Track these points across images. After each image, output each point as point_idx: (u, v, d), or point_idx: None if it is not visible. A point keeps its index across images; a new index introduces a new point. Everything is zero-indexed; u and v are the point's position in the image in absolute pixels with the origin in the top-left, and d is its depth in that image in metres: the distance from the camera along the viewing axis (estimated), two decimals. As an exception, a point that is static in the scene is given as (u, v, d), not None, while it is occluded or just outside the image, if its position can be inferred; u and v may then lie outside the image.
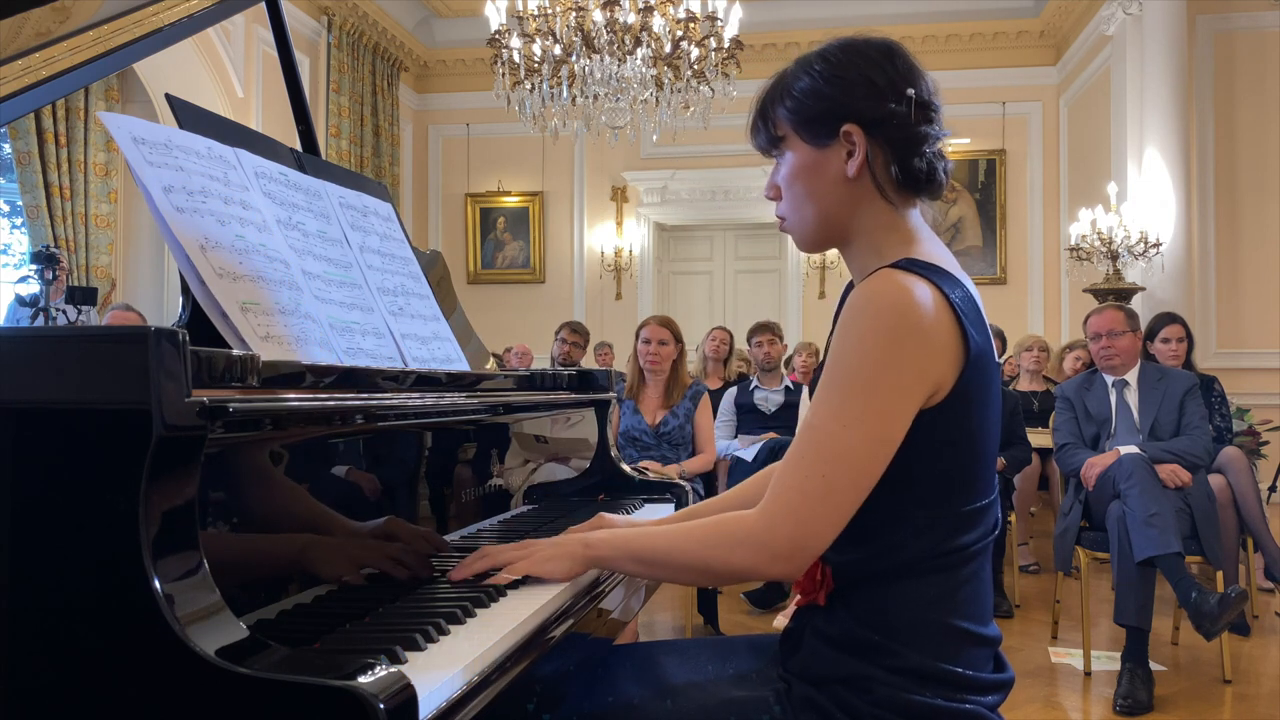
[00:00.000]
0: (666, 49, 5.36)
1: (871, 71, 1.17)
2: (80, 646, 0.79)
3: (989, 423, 1.16)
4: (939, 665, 1.11)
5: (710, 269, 10.55)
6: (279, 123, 6.75)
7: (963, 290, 1.13)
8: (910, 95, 1.17)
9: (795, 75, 1.21)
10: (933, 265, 1.13)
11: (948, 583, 1.14)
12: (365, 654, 0.86)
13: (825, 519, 1.08)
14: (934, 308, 1.08)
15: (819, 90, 1.18)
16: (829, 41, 1.23)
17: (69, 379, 0.81)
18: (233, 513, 0.94)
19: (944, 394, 1.09)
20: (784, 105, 1.21)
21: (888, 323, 1.06)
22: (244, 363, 0.97)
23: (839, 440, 1.07)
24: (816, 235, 1.24)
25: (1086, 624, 3.40)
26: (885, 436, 1.07)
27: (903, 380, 1.06)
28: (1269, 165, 7.16)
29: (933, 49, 9.02)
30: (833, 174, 1.19)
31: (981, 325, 1.13)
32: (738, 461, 4.43)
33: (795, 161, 1.21)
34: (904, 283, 1.08)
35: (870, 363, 1.06)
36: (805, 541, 1.08)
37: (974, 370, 1.10)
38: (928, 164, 1.18)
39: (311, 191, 1.47)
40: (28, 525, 0.81)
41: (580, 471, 1.98)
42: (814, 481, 1.08)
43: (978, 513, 1.15)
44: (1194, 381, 3.58)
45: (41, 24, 1.39)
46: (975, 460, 1.15)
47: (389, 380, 1.29)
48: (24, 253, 6.87)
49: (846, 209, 1.20)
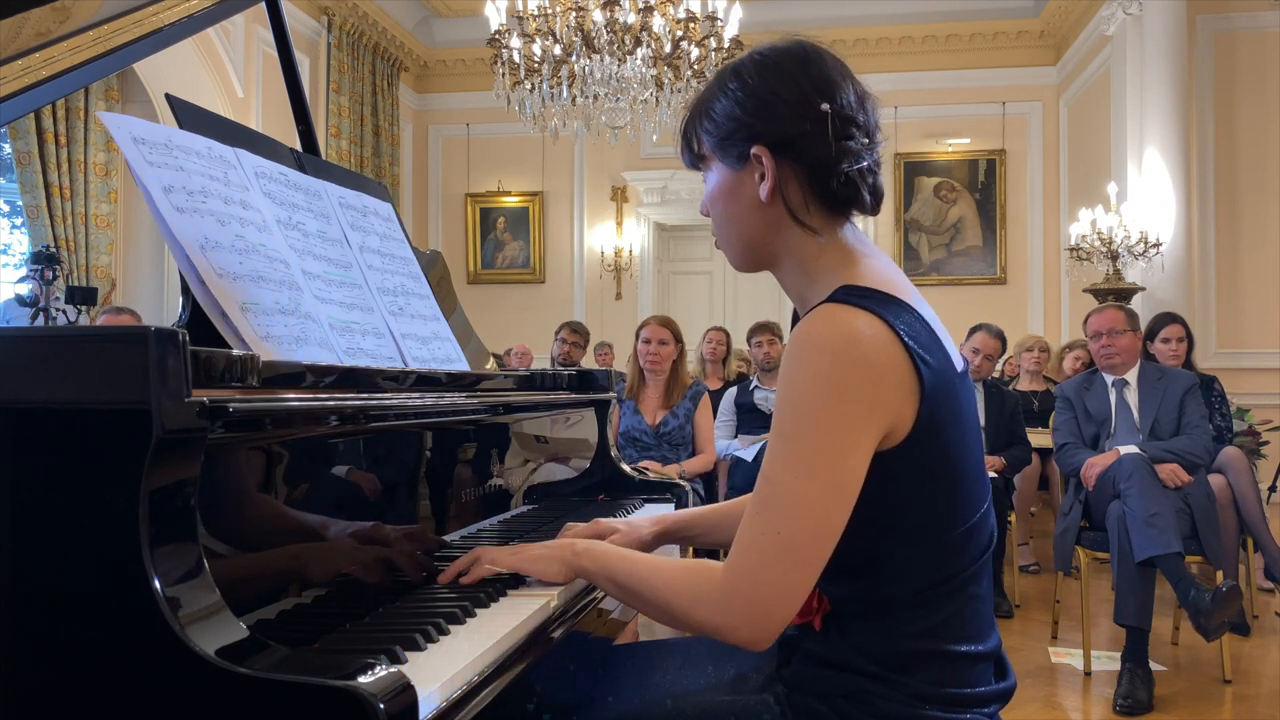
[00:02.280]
0: (666, 49, 5.36)
1: (781, 88, 1.10)
2: (80, 646, 0.79)
3: (965, 440, 1.09)
4: (940, 690, 1.08)
5: (710, 269, 10.55)
6: (279, 123, 6.75)
7: (909, 314, 1.06)
8: (825, 110, 1.08)
9: (713, 94, 1.16)
10: (874, 291, 1.06)
11: (946, 610, 1.09)
12: (365, 654, 0.87)
13: (786, 579, 1.00)
14: (879, 343, 1.01)
15: (729, 111, 1.13)
16: (749, 52, 1.16)
17: (69, 379, 0.81)
18: (233, 513, 0.94)
19: (907, 429, 1.03)
20: (703, 125, 1.17)
21: (829, 365, 1.00)
22: (244, 363, 0.97)
23: (793, 492, 1.00)
24: (744, 257, 1.19)
25: (1086, 624, 3.40)
26: (841, 481, 1.00)
27: (853, 422, 1.00)
28: (1269, 165, 7.16)
29: (933, 49, 9.03)
30: (748, 197, 1.13)
31: (936, 347, 1.06)
32: (737, 462, 4.43)
33: (716, 182, 1.17)
34: (844, 319, 1.02)
35: (817, 409, 1.00)
36: (768, 607, 1.01)
37: (935, 398, 1.03)
38: (848, 183, 1.10)
39: (311, 191, 1.47)
40: (28, 525, 0.81)
41: (580, 471, 1.97)
42: (769, 538, 1.01)
43: (968, 533, 1.10)
44: (1194, 381, 3.58)
45: (41, 24, 1.39)
46: (957, 483, 1.08)
47: (389, 380, 1.29)
48: (24, 253, 6.87)
49: (768, 233, 1.14)
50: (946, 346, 1.09)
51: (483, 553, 1.24)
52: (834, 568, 1.05)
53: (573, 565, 1.20)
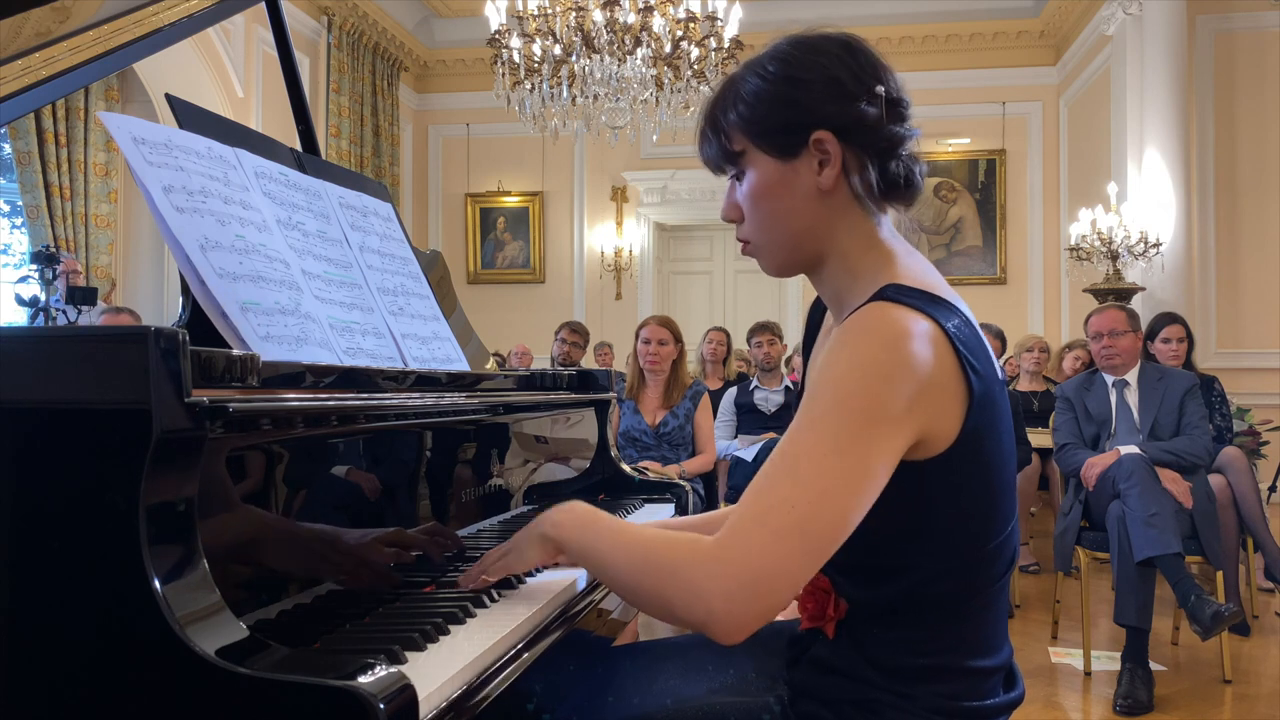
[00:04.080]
0: (666, 49, 5.36)
1: (836, 69, 1.05)
2: (80, 646, 0.79)
3: (1003, 452, 1.05)
4: (953, 703, 1.06)
5: (710, 269, 10.56)
6: (279, 123, 6.75)
7: (958, 317, 1.02)
8: (880, 93, 1.04)
9: (747, 80, 1.09)
10: (921, 291, 1.02)
11: (967, 625, 1.06)
12: (365, 654, 0.86)
13: (789, 561, 0.90)
14: (932, 346, 0.97)
15: (779, 95, 1.06)
16: (776, 41, 1.10)
17: (69, 379, 0.81)
18: (233, 513, 0.94)
19: (950, 439, 0.99)
20: (737, 114, 1.08)
21: (878, 352, 0.95)
22: (244, 363, 0.97)
23: (818, 468, 0.92)
24: (790, 259, 1.12)
25: (1086, 624, 3.40)
26: (868, 469, 0.93)
27: (889, 415, 0.94)
28: (1269, 165, 7.16)
29: (933, 49, 9.03)
30: (804, 188, 1.06)
31: (983, 353, 1.03)
32: (738, 462, 4.43)
33: (759, 178, 1.08)
34: (897, 316, 0.97)
35: (857, 391, 0.94)
36: (759, 588, 0.89)
37: (982, 408, 1.00)
38: (905, 167, 1.07)
39: (311, 191, 1.47)
40: (28, 525, 0.81)
41: (580, 471, 1.98)
42: (780, 513, 0.91)
43: (998, 548, 1.06)
44: (1194, 381, 3.58)
45: (41, 24, 1.39)
46: (995, 497, 1.05)
47: (389, 380, 1.29)
48: (24, 252, 6.87)
49: (823, 226, 1.08)
50: (989, 353, 1.05)
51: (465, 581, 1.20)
52: (861, 571, 1.04)
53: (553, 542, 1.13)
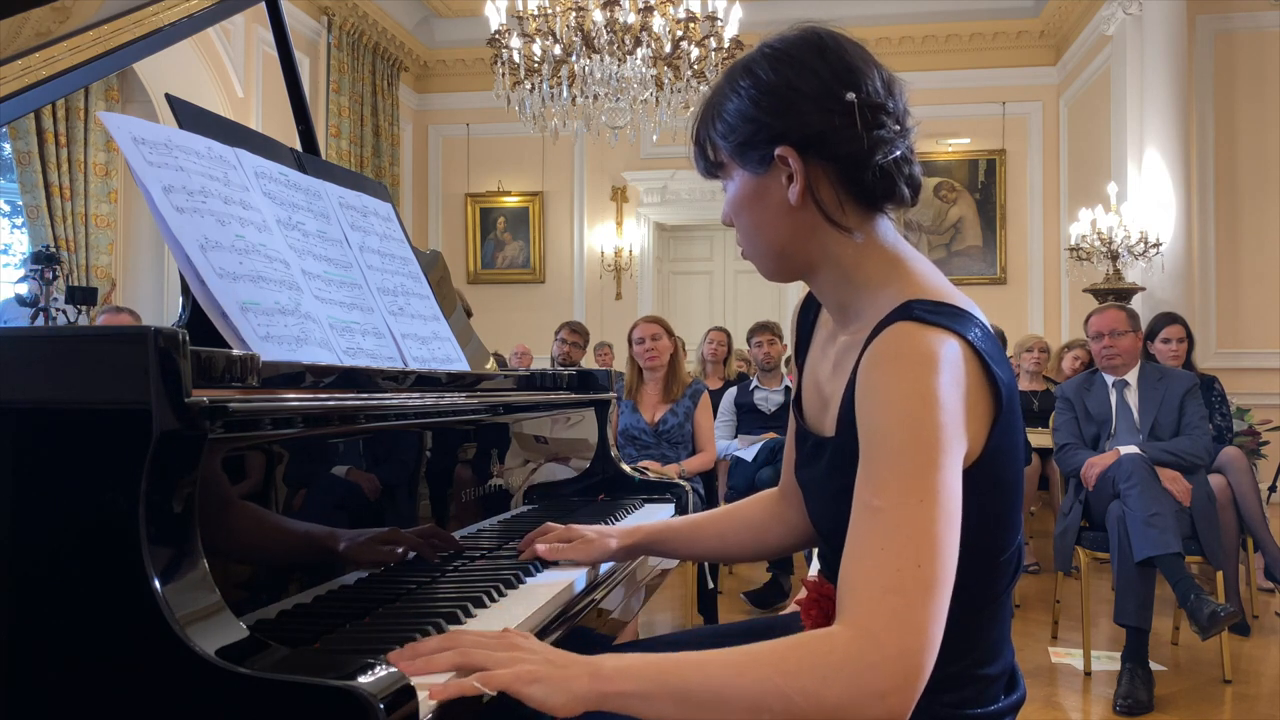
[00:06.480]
0: (666, 49, 5.36)
1: (800, 80, 1.02)
2: (80, 646, 0.79)
3: (1019, 460, 1.05)
4: (959, 711, 1.05)
5: (710, 269, 10.57)
6: (279, 123, 6.75)
7: (977, 325, 1.01)
8: (850, 100, 1.00)
9: (724, 94, 1.07)
10: (943, 305, 1.00)
11: (978, 634, 1.05)
12: (365, 654, 0.86)
13: (935, 621, 0.87)
14: (966, 363, 0.96)
15: (745, 111, 1.04)
16: (759, 45, 1.08)
17: (69, 379, 0.81)
18: (233, 513, 0.94)
19: (978, 452, 0.98)
20: (716, 129, 1.08)
21: (928, 382, 0.93)
22: (244, 363, 0.97)
23: (916, 519, 0.89)
24: (779, 267, 1.11)
25: (1086, 624, 3.40)
26: (953, 500, 0.91)
27: (952, 441, 0.93)
28: (1269, 165, 7.16)
29: (933, 49, 9.03)
30: (776, 202, 1.05)
31: (1002, 359, 1.01)
32: (737, 461, 4.43)
33: (738, 191, 1.08)
34: (930, 338, 0.95)
35: (922, 427, 0.91)
36: (920, 658, 0.86)
37: (1005, 418, 0.99)
38: (883, 176, 1.03)
39: (311, 191, 1.47)
40: (28, 525, 0.81)
41: (580, 471, 1.97)
42: (906, 575, 0.87)
43: (1009, 559, 1.06)
44: (1194, 381, 3.58)
45: (41, 24, 1.39)
46: (1014, 505, 1.05)
47: (389, 380, 1.29)
48: (24, 253, 6.87)
49: (800, 239, 1.06)
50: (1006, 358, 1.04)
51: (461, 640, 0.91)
52: None
53: (592, 695, 0.86)
